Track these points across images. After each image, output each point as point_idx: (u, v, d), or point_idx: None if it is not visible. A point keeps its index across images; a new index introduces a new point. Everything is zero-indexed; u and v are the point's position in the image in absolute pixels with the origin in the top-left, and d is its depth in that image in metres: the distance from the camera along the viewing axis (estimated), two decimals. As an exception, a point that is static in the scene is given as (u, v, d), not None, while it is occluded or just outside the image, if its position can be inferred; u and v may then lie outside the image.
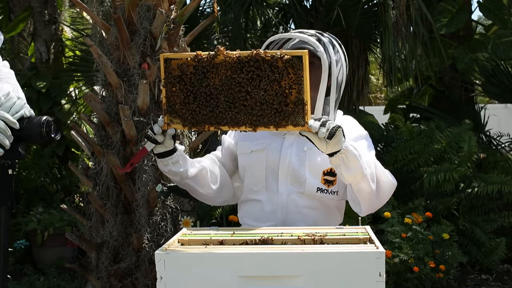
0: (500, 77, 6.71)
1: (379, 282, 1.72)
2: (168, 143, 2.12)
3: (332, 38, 2.25)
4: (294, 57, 1.91)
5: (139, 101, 3.10)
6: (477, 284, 5.24)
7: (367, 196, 2.12)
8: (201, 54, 1.99)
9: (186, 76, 2.01)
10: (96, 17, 3.23)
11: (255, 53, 1.94)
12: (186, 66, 2.01)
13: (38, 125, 1.94)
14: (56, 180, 6.57)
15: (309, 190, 2.23)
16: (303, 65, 1.91)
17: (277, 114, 1.95)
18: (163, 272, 1.77)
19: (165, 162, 2.18)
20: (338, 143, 1.95)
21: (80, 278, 4.96)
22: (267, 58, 1.92)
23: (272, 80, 1.93)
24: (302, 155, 2.24)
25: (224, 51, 1.96)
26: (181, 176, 2.23)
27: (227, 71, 1.97)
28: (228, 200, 2.43)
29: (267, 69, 1.93)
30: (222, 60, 1.96)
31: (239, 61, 1.95)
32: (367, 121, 6.42)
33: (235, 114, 1.98)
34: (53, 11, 6.91)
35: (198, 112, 2.02)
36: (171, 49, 3.21)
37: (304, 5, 7.14)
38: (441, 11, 6.39)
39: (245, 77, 1.95)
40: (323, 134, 1.92)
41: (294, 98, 1.92)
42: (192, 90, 2.01)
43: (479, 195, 5.50)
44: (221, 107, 1.99)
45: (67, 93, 7.02)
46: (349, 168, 2.02)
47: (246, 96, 1.96)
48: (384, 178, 2.16)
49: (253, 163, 2.29)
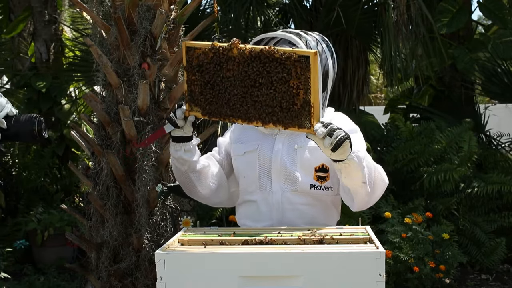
0: (500, 77, 6.71)
1: (379, 282, 1.72)
2: (187, 129, 2.14)
3: (317, 36, 2.26)
4: (302, 57, 1.90)
5: (139, 101, 3.10)
6: (477, 284, 5.24)
7: (362, 197, 2.14)
8: (217, 45, 2.00)
9: (204, 66, 2.03)
10: (96, 17, 3.23)
11: (267, 49, 1.93)
12: (205, 56, 2.02)
13: (29, 123, 1.92)
14: (56, 180, 6.57)
15: (302, 187, 2.24)
16: (310, 66, 1.89)
17: (285, 114, 1.95)
18: (163, 272, 1.77)
19: (178, 147, 2.19)
20: (344, 154, 1.94)
21: (80, 278, 4.96)
22: (277, 56, 1.92)
23: (281, 79, 1.93)
24: (293, 153, 2.25)
25: (239, 44, 1.97)
26: (189, 166, 2.23)
27: (240, 64, 1.97)
28: (223, 202, 2.43)
29: (277, 67, 1.93)
30: (236, 54, 1.97)
31: (251, 55, 1.95)
32: (367, 121, 6.42)
33: (247, 109, 1.99)
34: (53, 11, 6.90)
35: (215, 102, 2.04)
36: (171, 49, 3.21)
37: (304, 5, 7.13)
38: (441, 11, 6.39)
39: (256, 72, 1.95)
40: (329, 145, 1.89)
41: (301, 100, 1.91)
42: (210, 80, 2.03)
43: (479, 195, 5.51)
44: (235, 100, 2.00)
45: (67, 93, 7.02)
46: (351, 176, 2.03)
47: (257, 92, 1.96)
48: (379, 181, 2.18)
49: (246, 164, 2.30)
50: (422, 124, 6.09)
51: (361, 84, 6.89)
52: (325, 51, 2.23)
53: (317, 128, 1.89)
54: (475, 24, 8.00)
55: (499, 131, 6.84)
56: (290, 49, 1.92)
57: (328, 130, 1.88)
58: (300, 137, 2.23)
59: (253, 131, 2.32)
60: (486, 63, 6.85)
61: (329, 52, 2.24)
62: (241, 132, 2.36)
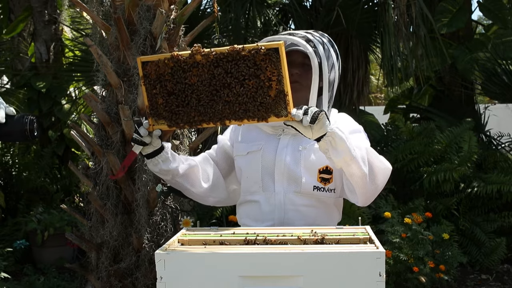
0: (500, 77, 6.71)
1: (379, 282, 1.72)
2: (155, 142, 2.14)
3: (323, 38, 2.25)
4: (271, 50, 1.91)
5: (139, 101, 3.10)
6: (477, 284, 5.24)
7: (360, 181, 2.10)
8: (177, 55, 2.00)
9: (164, 77, 2.02)
10: (96, 17, 3.23)
11: (231, 49, 1.94)
12: (163, 67, 2.02)
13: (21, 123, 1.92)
14: (56, 180, 6.57)
15: (305, 189, 2.23)
16: (280, 57, 1.90)
17: (260, 107, 1.95)
18: (163, 272, 1.77)
19: (155, 161, 2.20)
20: (323, 127, 1.95)
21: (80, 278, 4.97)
22: (244, 54, 1.93)
23: (251, 75, 1.94)
24: (297, 154, 2.25)
25: (200, 49, 1.97)
26: (172, 174, 2.25)
27: (205, 68, 1.97)
28: (221, 201, 2.43)
29: (246, 63, 1.93)
30: (200, 59, 1.97)
31: (216, 59, 1.95)
32: (367, 120, 6.43)
33: (219, 110, 1.99)
34: (53, 11, 6.91)
35: (182, 111, 2.03)
36: (171, 49, 3.21)
37: (304, 5, 7.14)
38: (442, 11, 6.40)
39: (224, 73, 1.95)
40: (307, 121, 1.92)
41: (275, 91, 1.93)
42: (173, 90, 2.02)
43: (479, 195, 5.51)
44: (203, 103, 2.00)
45: (67, 93, 7.03)
46: (338, 151, 2.01)
47: (228, 92, 1.97)
48: (378, 163, 2.14)
49: (249, 164, 2.30)
50: (422, 124, 6.09)
51: (361, 84, 6.90)
52: (332, 56, 2.23)
53: (294, 113, 1.92)
54: (475, 24, 8.01)
55: (499, 131, 6.85)
56: (255, 45, 1.93)
57: (303, 111, 1.92)
58: (305, 139, 2.23)
59: (257, 131, 2.32)
60: (486, 63, 6.85)
61: (335, 54, 2.24)
62: (244, 132, 2.36)
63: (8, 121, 1.93)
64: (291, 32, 2.27)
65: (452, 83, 7.18)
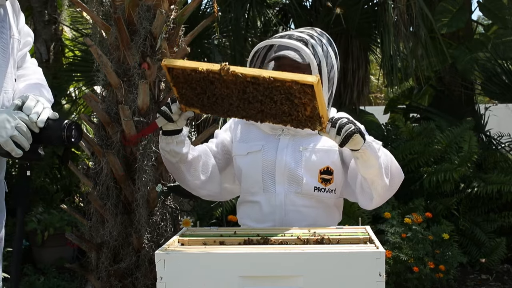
0: (500, 77, 6.71)
1: (379, 282, 1.72)
2: (180, 123, 2.13)
3: (323, 38, 2.24)
4: (305, 85, 1.85)
5: (139, 101, 3.09)
6: (477, 284, 5.24)
7: (381, 190, 2.12)
8: (201, 70, 1.94)
9: (192, 83, 2.00)
10: (96, 17, 3.23)
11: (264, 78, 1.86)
12: (189, 75, 1.98)
13: (59, 128, 1.93)
14: (56, 180, 6.57)
15: (306, 189, 2.23)
16: (316, 94, 1.85)
17: (294, 121, 1.95)
18: (163, 272, 1.77)
19: (170, 140, 2.17)
20: (356, 146, 1.97)
21: (80, 278, 4.96)
22: (277, 85, 1.87)
23: (284, 99, 1.90)
24: (297, 155, 2.24)
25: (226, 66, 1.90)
26: (180, 158, 2.22)
27: (234, 85, 1.93)
28: (212, 195, 2.40)
29: (278, 92, 1.88)
30: (228, 77, 1.92)
31: (246, 81, 1.90)
32: (367, 120, 6.43)
33: (253, 114, 1.98)
34: (53, 11, 6.91)
35: (215, 107, 2.02)
36: (171, 49, 3.20)
37: (304, 5, 7.14)
38: (442, 11, 6.40)
39: (255, 91, 1.92)
40: (339, 141, 1.94)
41: (309, 113, 1.91)
42: (204, 92, 2.00)
43: (479, 195, 5.51)
44: (236, 106, 1.98)
45: (67, 93, 7.02)
46: (367, 164, 2.04)
47: (260, 105, 1.95)
48: (397, 173, 2.18)
49: (249, 164, 2.29)
50: (422, 124, 6.09)
51: (361, 84, 6.89)
52: (331, 56, 2.22)
53: (328, 131, 1.94)
54: (475, 24, 8.01)
55: (499, 131, 6.85)
56: (290, 78, 1.85)
57: (336, 129, 1.93)
58: (305, 139, 2.23)
59: (256, 130, 2.32)
60: (486, 63, 6.85)
61: (333, 53, 2.24)
62: (243, 131, 2.35)
63: (50, 125, 1.94)
64: (290, 35, 2.24)
65: (452, 83, 7.18)
